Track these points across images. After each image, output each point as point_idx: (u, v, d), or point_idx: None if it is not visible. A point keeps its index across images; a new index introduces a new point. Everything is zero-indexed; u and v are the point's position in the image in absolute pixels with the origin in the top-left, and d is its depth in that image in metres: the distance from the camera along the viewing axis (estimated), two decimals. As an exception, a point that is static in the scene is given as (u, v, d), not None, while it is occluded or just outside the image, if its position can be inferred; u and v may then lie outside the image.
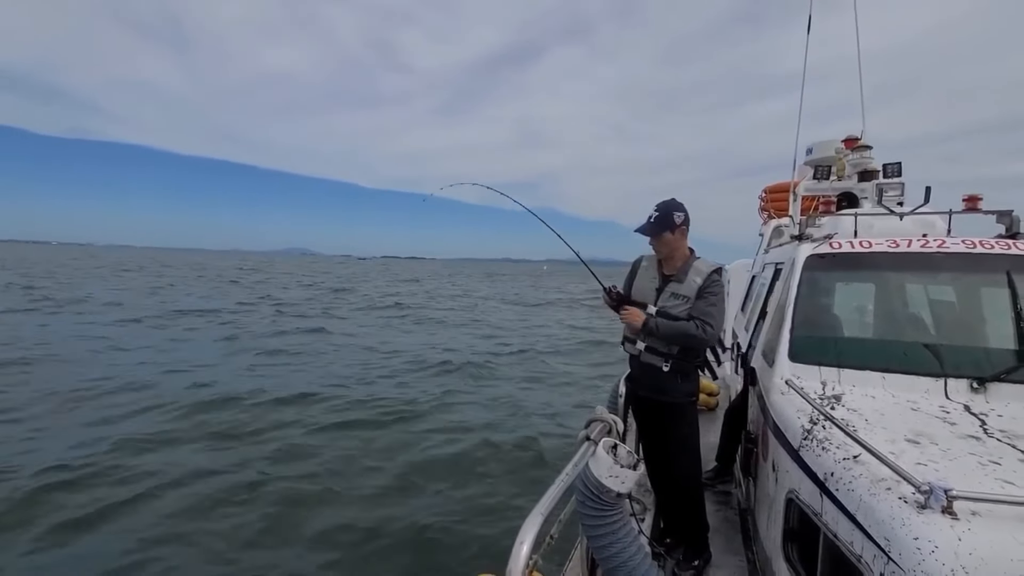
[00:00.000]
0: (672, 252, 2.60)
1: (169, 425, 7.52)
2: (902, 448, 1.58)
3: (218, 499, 5.42)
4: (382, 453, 6.82)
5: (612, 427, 2.22)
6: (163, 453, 6.53)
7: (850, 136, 5.12)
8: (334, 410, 8.49)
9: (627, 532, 1.68)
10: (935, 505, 1.23)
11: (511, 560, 1.31)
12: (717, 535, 2.87)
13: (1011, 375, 2.03)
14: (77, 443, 6.64)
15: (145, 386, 9.37)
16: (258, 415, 8.08)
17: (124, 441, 6.74)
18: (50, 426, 7.26)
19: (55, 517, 4.95)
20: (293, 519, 5.14)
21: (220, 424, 7.63)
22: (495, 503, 5.56)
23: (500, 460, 6.70)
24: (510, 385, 10.83)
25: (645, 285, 2.68)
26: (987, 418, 1.83)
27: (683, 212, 2.57)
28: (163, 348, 12.99)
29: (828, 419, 1.75)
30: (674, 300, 2.53)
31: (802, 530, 1.74)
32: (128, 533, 4.77)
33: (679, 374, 2.54)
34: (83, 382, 9.39)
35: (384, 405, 8.79)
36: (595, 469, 1.64)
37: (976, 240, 2.60)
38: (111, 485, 5.62)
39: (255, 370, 11.22)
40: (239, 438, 7.17)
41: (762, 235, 6.51)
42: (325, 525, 5.04)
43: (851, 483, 1.44)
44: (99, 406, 8.21)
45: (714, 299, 2.47)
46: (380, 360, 12.72)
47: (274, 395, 9.06)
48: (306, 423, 7.81)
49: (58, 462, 6.01)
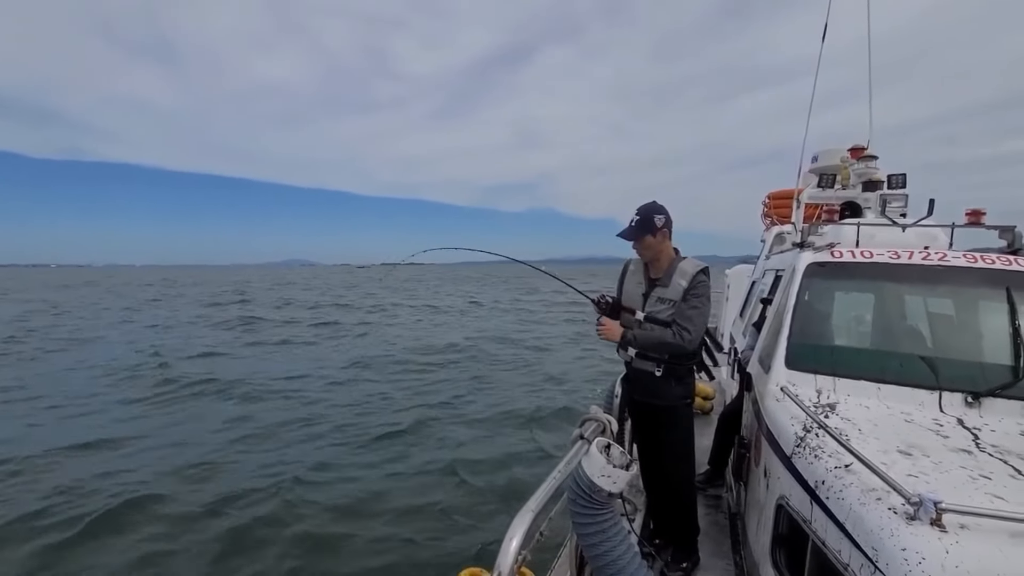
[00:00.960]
0: (656, 255, 2.59)
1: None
2: (894, 459, 1.58)
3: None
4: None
5: (606, 427, 2.22)
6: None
7: (856, 145, 5.11)
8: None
9: (617, 531, 1.68)
10: (924, 517, 1.23)
11: (500, 556, 1.31)
12: (706, 538, 2.88)
13: (1006, 391, 2.04)
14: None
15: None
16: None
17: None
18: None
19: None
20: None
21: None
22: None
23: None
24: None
25: (632, 290, 2.68)
26: (980, 432, 1.83)
27: (664, 214, 2.56)
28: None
29: (821, 427, 1.75)
30: (660, 305, 2.53)
31: (791, 537, 1.74)
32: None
33: (673, 378, 2.54)
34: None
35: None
36: (588, 468, 1.64)
37: (977, 255, 2.60)
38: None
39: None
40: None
41: (764, 240, 6.51)
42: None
43: (841, 492, 1.45)
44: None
45: (697, 301, 2.46)
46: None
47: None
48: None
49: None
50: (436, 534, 5.08)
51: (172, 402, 9.95)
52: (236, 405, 9.71)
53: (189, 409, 9.46)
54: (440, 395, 10.44)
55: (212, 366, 13.26)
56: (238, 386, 10.88)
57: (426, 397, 10.25)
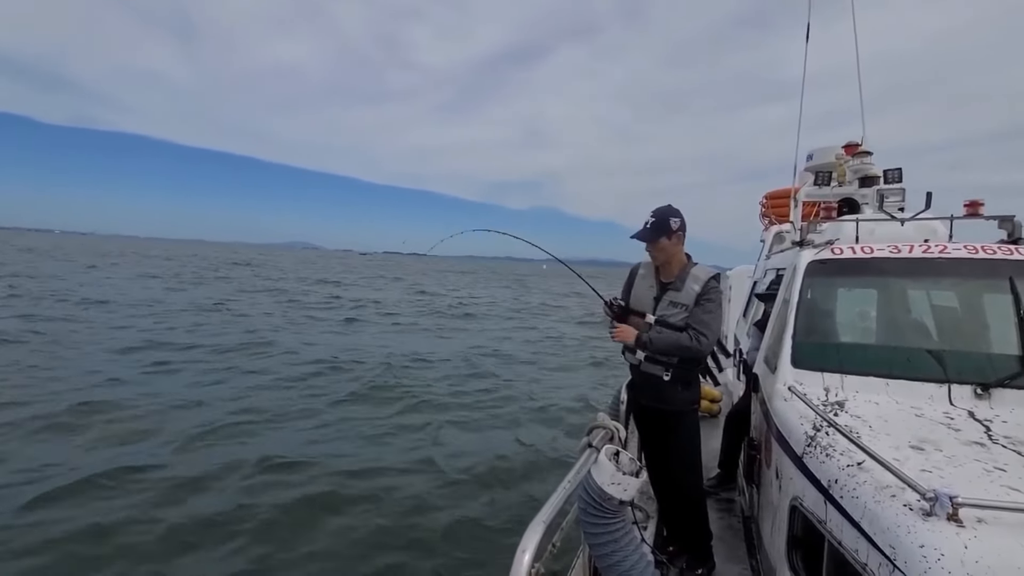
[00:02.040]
0: (669, 258, 2.58)
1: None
2: (906, 455, 1.57)
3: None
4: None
5: (614, 434, 2.21)
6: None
7: (851, 142, 5.13)
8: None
9: (629, 540, 1.66)
10: (940, 512, 1.22)
11: (513, 569, 1.29)
12: (720, 543, 2.85)
13: (1015, 381, 2.02)
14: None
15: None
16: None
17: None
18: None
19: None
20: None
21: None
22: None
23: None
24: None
25: (643, 293, 2.67)
26: (992, 424, 1.81)
27: (680, 218, 2.55)
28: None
29: (832, 425, 1.74)
30: (673, 308, 2.52)
31: (806, 538, 1.72)
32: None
33: (680, 382, 2.53)
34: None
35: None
36: (597, 476, 1.63)
37: (978, 246, 2.60)
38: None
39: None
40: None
41: (763, 241, 6.51)
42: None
43: (855, 490, 1.43)
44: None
45: (711, 307, 2.46)
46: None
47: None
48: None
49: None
50: (449, 542, 5.01)
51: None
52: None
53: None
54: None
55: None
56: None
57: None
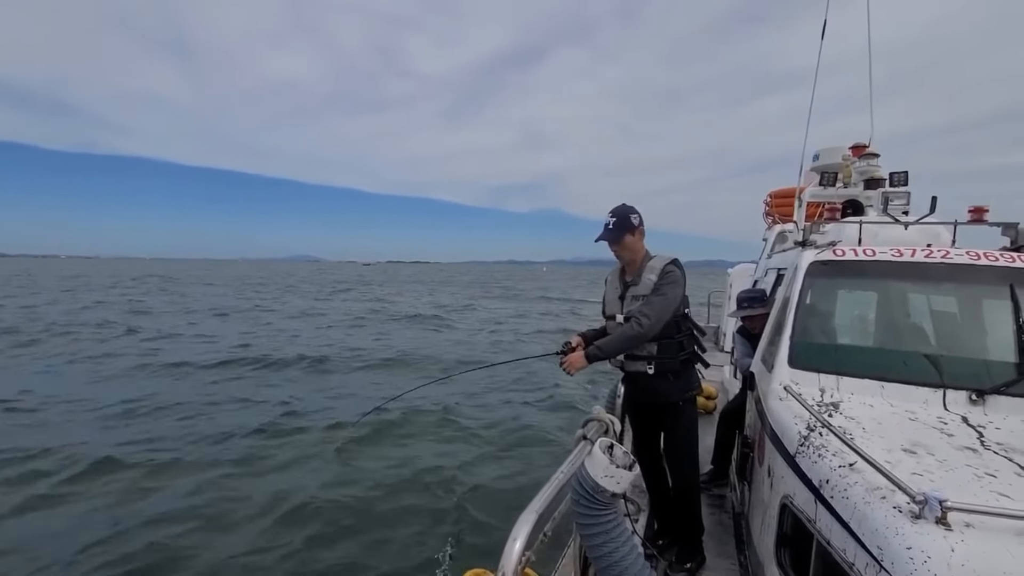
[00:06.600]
0: (634, 256, 2.60)
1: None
2: (898, 457, 1.57)
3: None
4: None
5: (609, 427, 2.22)
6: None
7: (857, 143, 5.09)
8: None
9: (621, 532, 1.68)
10: (929, 515, 1.22)
11: (504, 557, 1.31)
12: (710, 538, 2.88)
13: (1010, 388, 2.03)
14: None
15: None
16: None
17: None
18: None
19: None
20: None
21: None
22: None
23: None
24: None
25: (611, 298, 2.69)
26: (985, 430, 1.82)
27: (638, 214, 2.59)
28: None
29: (825, 426, 1.75)
30: (635, 303, 2.53)
31: (795, 536, 1.74)
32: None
33: (668, 373, 2.53)
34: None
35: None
36: (591, 468, 1.64)
37: (980, 252, 2.60)
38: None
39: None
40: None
41: (766, 239, 6.50)
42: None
43: (846, 491, 1.44)
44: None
45: (665, 289, 2.46)
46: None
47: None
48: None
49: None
50: (439, 535, 5.08)
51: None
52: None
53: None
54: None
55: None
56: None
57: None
